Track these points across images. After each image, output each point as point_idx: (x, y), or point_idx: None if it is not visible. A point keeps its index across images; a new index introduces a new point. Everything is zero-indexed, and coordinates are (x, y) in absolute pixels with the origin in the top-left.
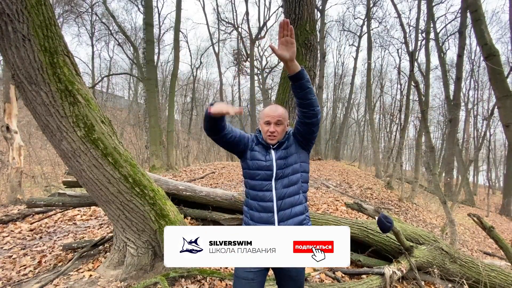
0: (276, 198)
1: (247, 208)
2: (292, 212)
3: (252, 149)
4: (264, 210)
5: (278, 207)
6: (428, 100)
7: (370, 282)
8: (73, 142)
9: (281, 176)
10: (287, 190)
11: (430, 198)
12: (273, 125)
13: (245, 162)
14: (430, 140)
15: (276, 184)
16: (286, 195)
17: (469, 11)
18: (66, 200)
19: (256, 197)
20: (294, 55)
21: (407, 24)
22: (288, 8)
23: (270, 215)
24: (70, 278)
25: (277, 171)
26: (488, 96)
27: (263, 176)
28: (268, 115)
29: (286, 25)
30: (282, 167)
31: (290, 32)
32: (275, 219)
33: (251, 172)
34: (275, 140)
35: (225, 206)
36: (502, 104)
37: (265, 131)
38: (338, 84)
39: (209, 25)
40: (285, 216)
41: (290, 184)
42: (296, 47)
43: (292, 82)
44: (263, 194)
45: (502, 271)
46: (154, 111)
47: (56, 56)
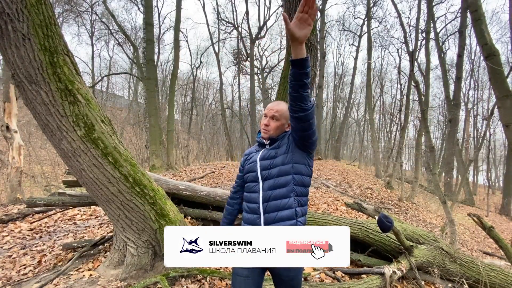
0: (261, 200)
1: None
2: (277, 216)
3: (250, 152)
4: (251, 212)
5: (264, 209)
6: (428, 100)
7: (370, 281)
8: (73, 141)
9: (267, 177)
10: (272, 193)
11: (430, 197)
12: (268, 119)
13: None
14: (430, 140)
15: (264, 185)
16: (271, 197)
17: (469, 11)
18: (66, 200)
19: (245, 198)
20: (305, 38)
21: (407, 24)
22: (288, 7)
23: (256, 216)
24: (70, 277)
25: (262, 172)
26: (488, 96)
27: (250, 177)
28: (267, 108)
29: (311, 1)
30: (267, 167)
31: (313, 10)
32: (261, 221)
33: (246, 175)
34: (267, 135)
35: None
36: (502, 104)
37: (261, 123)
38: (338, 84)
39: (209, 24)
40: (269, 219)
41: (276, 186)
42: None
43: (291, 67)
44: (250, 195)
45: (502, 271)
46: (154, 111)
47: (56, 56)
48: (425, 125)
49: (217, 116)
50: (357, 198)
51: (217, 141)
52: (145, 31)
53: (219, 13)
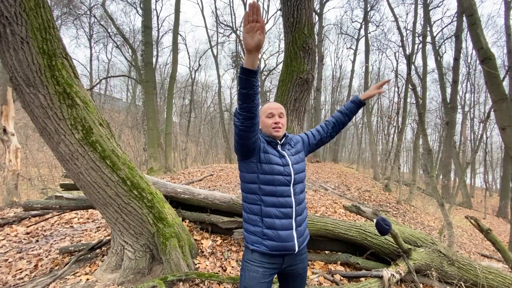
0: (295, 204)
1: (259, 217)
2: (303, 216)
3: (266, 151)
4: (285, 217)
5: (297, 212)
6: (425, 103)
7: (369, 284)
8: (70, 144)
9: (298, 181)
10: (302, 196)
11: (428, 200)
12: (277, 117)
13: (257, 166)
14: (428, 142)
15: (295, 189)
16: (301, 200)
17: (465, 15)
18: (63, 203)
19: (276, 204)
20: (256, 47)
21: (404, 27)
22: (287, 11)
23: (290, 221)
24: (66, 282)
25: (295, 176)
26: (484, 99)
27: (282, 181)
28: (270, 108)
29: (253, 8)
30: (298, 171)
31: (259, 17)
32: (293, 224)
33: (268, 177)
34: (281, 132)
35: (224, 209)
36: (498, 107)
37: (269, 124)
38: (336, 87)
39: (208, 27)
40: (300, 221)
41: (303, 189)
42: (295, 50)
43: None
44: (285, 200)
45: (500, 274)
46: (152, 113)
47: (55, 59)
48: (423, 128)
49: (216, 119)
50: (355, 201)
51: (216, 143)
52: (143, 34)
53: (217, 16)
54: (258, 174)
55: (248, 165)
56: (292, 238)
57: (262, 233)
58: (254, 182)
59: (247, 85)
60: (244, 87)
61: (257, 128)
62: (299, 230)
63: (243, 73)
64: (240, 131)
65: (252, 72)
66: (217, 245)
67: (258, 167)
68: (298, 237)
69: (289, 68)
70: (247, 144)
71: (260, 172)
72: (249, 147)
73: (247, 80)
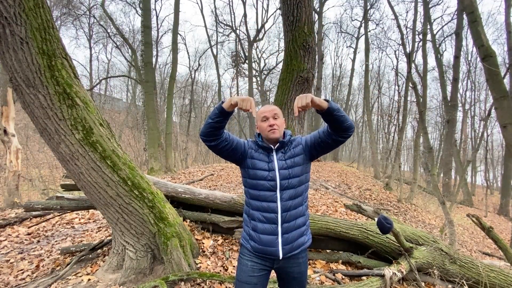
0: (281, 210)
1: (248, 217)
2: (295, 224)
3: (252, 157)
4: (268, 221)
5: (283, 219)
6: (426, 101)
7: (370, 283)
8: (71, 145)
9: (287, 186)
10: (292, 202)
11: (429, 198)
12: (271, 119)
13: (244, 170)
14: (428, 141)
15: (282, 194)
16: (291, 207)
17: (465, 13)
18: (64, 204)
19: (260, 208)
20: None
21: (404, 25)
22: (286, 10)
23: (274, 226)
24: (68, 282)
25: (281, 182)
26: (485, 97)
27: (266, 186)
28: (263, 112)
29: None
30: (287, 177)
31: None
32: (278, 231)
33: (253, 182)
34: (277, 134)
35: (224, 208)
36: (499, 105)
37: (265, 127)
38: (336, 86)
39: (207, 27)
40: (289, 229)
41: (295, 196)
42: (295, 49)
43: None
44: (268, 205)
45: (502, 272)
46: (152, 113)
47: (54, 59)
48: (423, 126)
49: None
50: (356, 200)
51: None
52: (143, 34)
53: (217, 16)
54: (246, 179)
55: (241, 170)
56: (275, 244)
57: (248, 233)
58: (245, 186)
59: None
60: (213, 119)
61: (225, 143)
62: (286, 238)
63: (219, 109)
64: (211, 149)
65: (226, 112)
66: (218, 244)
67: (246, 172)
68: (283, 244)
69: (289, 67)
70: (226, 156)
71: (247, 176)
72: (231, 157)
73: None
